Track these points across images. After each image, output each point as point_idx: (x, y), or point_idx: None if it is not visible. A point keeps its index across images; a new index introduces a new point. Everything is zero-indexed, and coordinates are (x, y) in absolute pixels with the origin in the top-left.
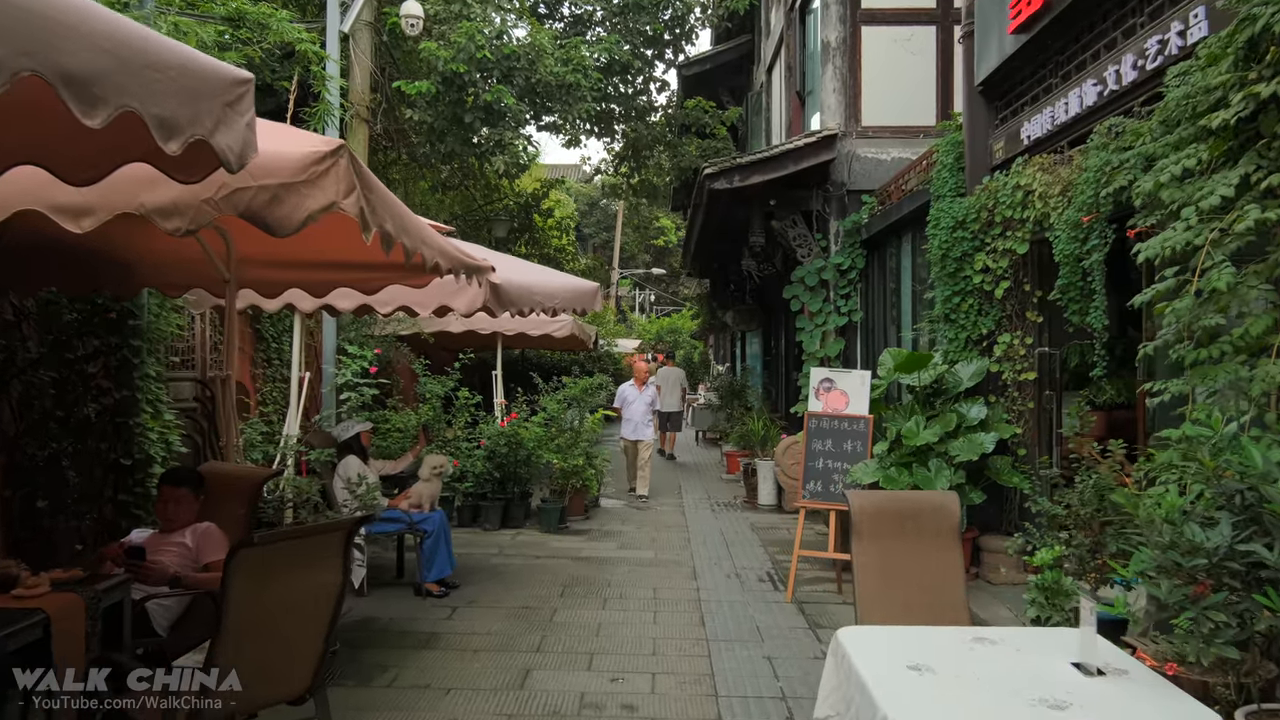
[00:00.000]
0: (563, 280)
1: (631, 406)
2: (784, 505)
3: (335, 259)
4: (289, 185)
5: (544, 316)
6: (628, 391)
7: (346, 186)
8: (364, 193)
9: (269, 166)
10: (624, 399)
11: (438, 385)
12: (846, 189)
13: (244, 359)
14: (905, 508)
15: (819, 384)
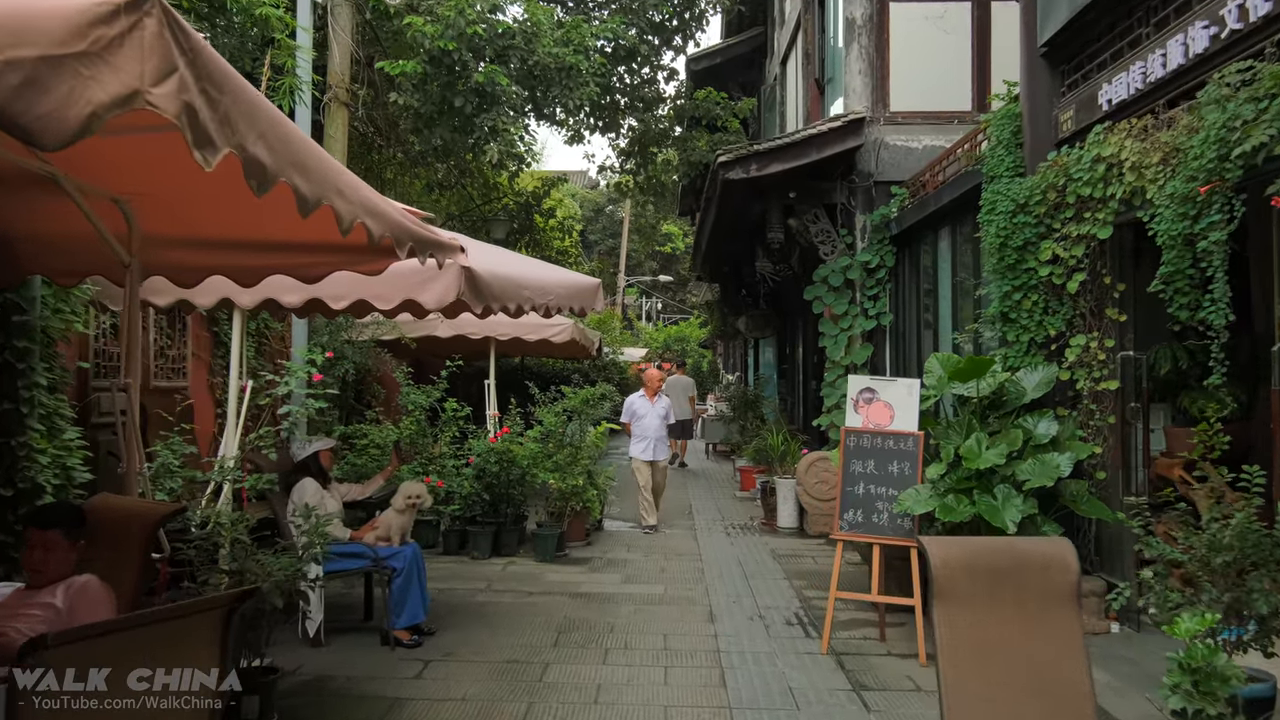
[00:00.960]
0: (558, 275)
1: (643, 421)
2: (806, 528)
3: (263, 237)
4: (55, 60)
5: (539, 318)
6: (637, 404)
7: (159, 65)
8: (198, 82)
9: (18, 29)
10: (633, 412)
11: (421, 396)
12: (874, 180)
13: (200, 366)
14: (1004, 561)
15: (858, 395)
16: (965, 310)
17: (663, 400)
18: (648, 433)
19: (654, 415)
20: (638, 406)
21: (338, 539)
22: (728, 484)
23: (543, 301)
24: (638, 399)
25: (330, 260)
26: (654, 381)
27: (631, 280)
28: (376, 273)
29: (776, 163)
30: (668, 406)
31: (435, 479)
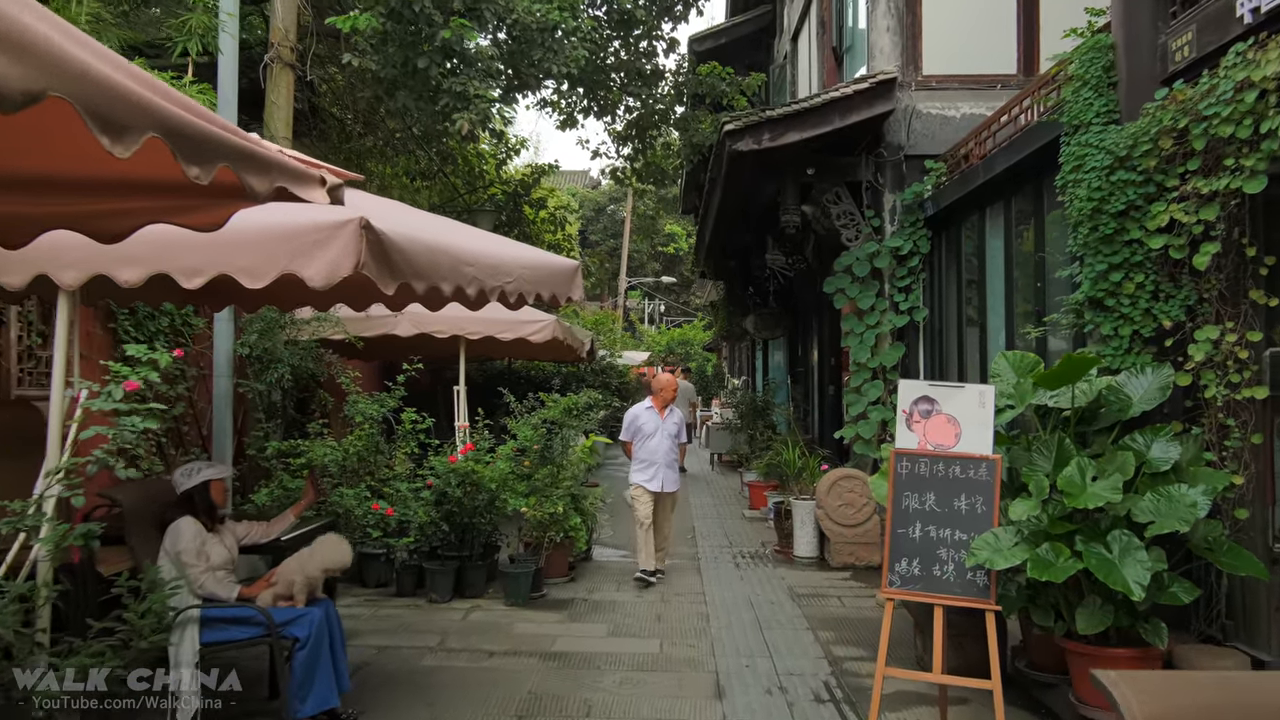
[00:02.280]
0: (520, 252)
1: (649, 442)
2: (828, 557)
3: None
4: None
5: (513, 313)
6: (643, 417)
7: None
8: None
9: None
10: (637, 428)
11: (372, 406)
12: (905, 154)
13: (90, 369)
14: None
15: (912, 406)
16: (1024, 302)
17: (675, 414)
18: (655, 456)
19: (663, 434)
20: (643, 421)
21: (220, 599)
22: (734, 500)
23: (495, 284)
24: (643, 411)
25: (136, 205)
26: (666, 389)
27: (634, 282)
28: (211, 226)
29: (793, 131)
30: (681, 422)
31: (386, 506)
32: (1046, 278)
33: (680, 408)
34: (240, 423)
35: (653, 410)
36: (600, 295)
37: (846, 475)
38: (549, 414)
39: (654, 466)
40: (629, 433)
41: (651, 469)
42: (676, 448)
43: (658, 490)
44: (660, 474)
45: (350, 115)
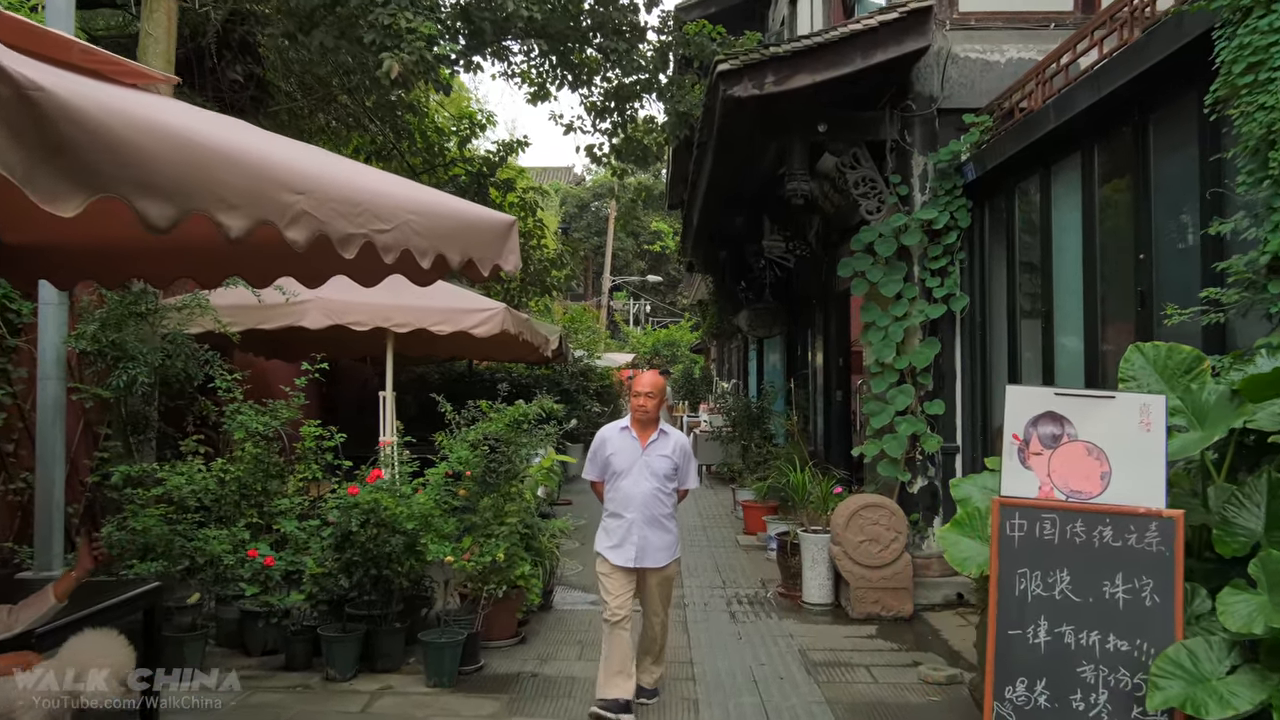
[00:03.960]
0: (413, 191)
1: (621, 481)
2: (845, 604)
3: None
4: None
5: (451, 302)
6: (613, 443)
7: None
8: None
9: None
10: (605, 463)
11: (257, 418)
12: (937, 107)
13: None
14: None
15: (1029, 427)
16: (1115, 282)
17: (668, 441)
18: (628, 507)
19: (643, 472)
20: (613, 450)
21: None
22: (727, 522)
23: (352, 230)
24: (615, 435)
25: None
26: (647, 398)
27: (618, 281)
28: None
29: (803, 73)
30: (678, 454)
31: (268, 552)
32: (1159, 247)
33: None
34: (78, 441)
35: (628, 433)
36: (583, 294)
37: (870, 504)
38: (490, 427)
39: (623, 524)
40: (595, 467)
41: (620, 529)
42: (667, 496)
43: (628, 565)
44: (634, 537)
45: (300, 90)
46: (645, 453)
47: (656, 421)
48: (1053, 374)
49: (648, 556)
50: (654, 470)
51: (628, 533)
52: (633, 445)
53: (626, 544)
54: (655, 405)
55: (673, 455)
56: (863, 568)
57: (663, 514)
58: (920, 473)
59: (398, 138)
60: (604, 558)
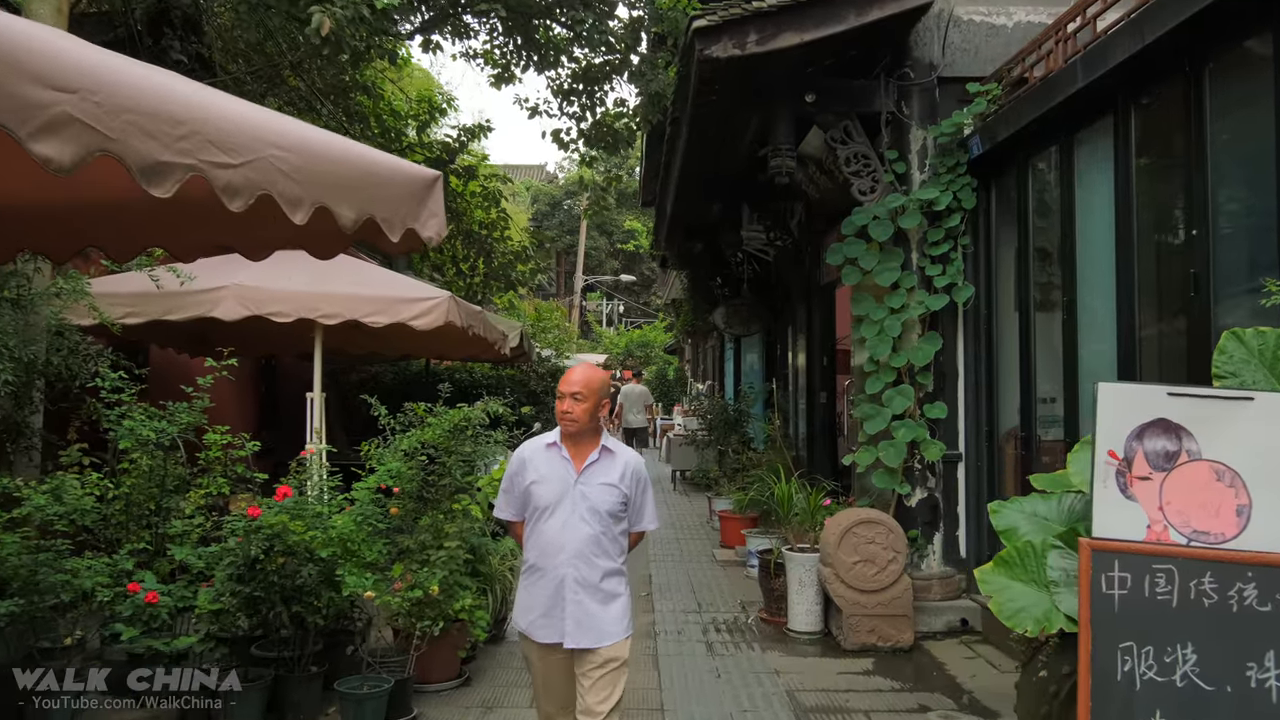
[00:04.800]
0: (289, 124)
1: (545, 523)
2: (837, 633)
3: None
4: None
5: (382, 292)
6: (534, 465)
7: None
8: None
9: None
10: (525, 495)
11: (149, 424)
12: (938, 75)
13: None
14: None
15: (1132, 441)
16: (1159, 266)
17: (614, 464)
18: (550, 557)
19: (578, 507)
20: (537, 474)
21: None
22: (702, 533)
23: (183, 160)
24: (539, 455)
25: None
26: (577, 402)
27: (591, 279)
28: None
29: (790, 31)
30: (627, 481)
31: (152, 587)
32: (1217, 221)
33: (635, 410)
34: None
35: (557, 452)
36: (556, 293)
37: (864, 520)
38: (427, 435)
39: (549, 585)
40: (510, 500)
41: (544, 592)
42: (612, 543)
43: (550, 642)
44: (565, 604)
45: (247, 71)
46: (581, 480)
47: (597, 434)
48: (1075, 373)
49: (585, 632)
50: (593, 505)
51: (556, 598)
52: (562, 469)
53: (554, 614)
54: (586, 410)
55: (621, 484)
56: (857, 592)
57: (606, 569)
58: (919, 484)
59: (350, 121)
60: (525, 636)
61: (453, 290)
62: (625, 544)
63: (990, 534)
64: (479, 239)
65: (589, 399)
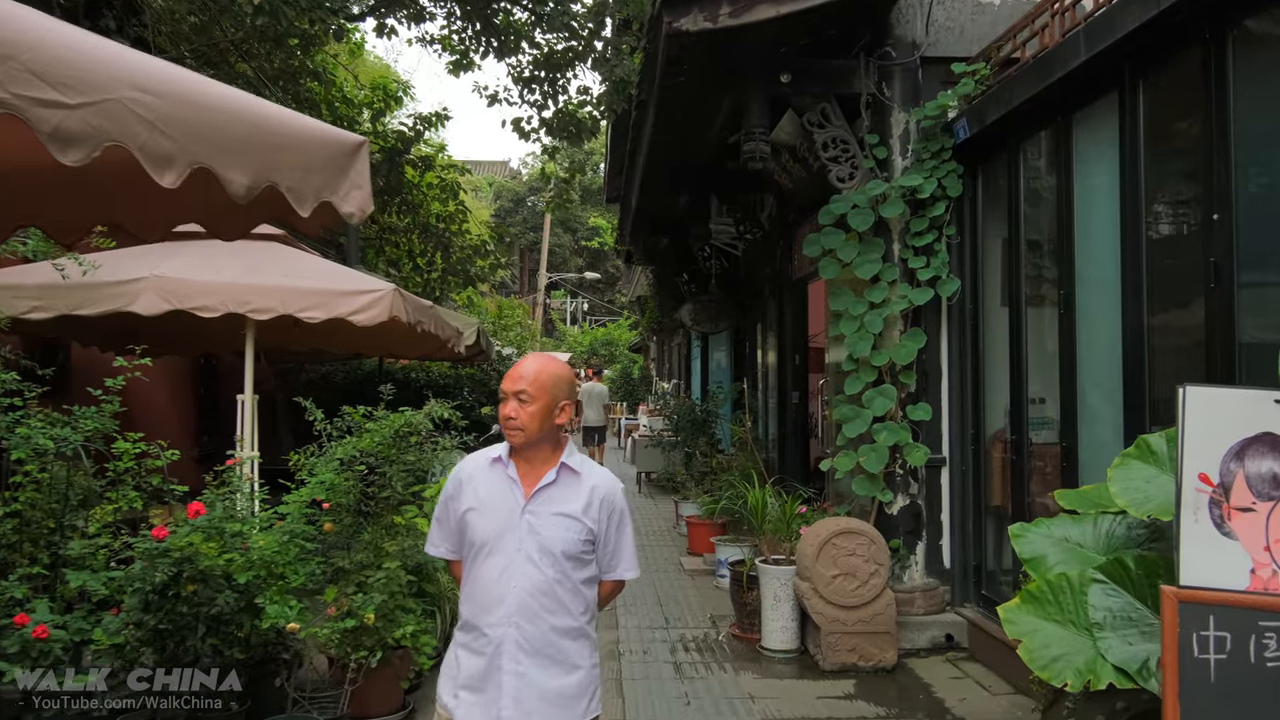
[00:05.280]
0: (162, 68)
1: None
2: (815, 652)
3: None
4: None
5: (318, 284)
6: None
7: None
8: None
9: None
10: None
11: (46, 432)
12: (921, 55)
13: None
14: None
15: (1230, 458)
16: (1179, 253)
17: (582, 486)
18: (495, 611)
19: (526, 543)
20: (476, 499)
21: None
22: (668, 539)
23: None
24: (482, 473)
25: None
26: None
27: (555, 278)
28: None
29: (765, 3)
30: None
31: (43, 618)
32: (1241, 204)
33: (594, 409)
34: None
35: (502, 470)
36: (519, 291)
37: (844, 530)
38: (364, 443)
39: (484, 650)
40: (443, 532)
41: (478, 658)
42: (572, 593)
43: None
44: (503, 676)
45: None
46: (530, 508)
47: (557, 447)
48: (1073, 373)
49: (528, 717)
50: (545, 544)
51: (491, 667)
52: (507, 494)
53: (487, 689)
54: (537, 415)
55: (585, 515)
56: (837, 608)
57: (561, 628)
58: (901, 490)
59: (300, 108)
60: (443, 710)
61: (409, 287)
62: (592, 597)
63: (977, 544)
64: (436, 233)
65: (540, 399)
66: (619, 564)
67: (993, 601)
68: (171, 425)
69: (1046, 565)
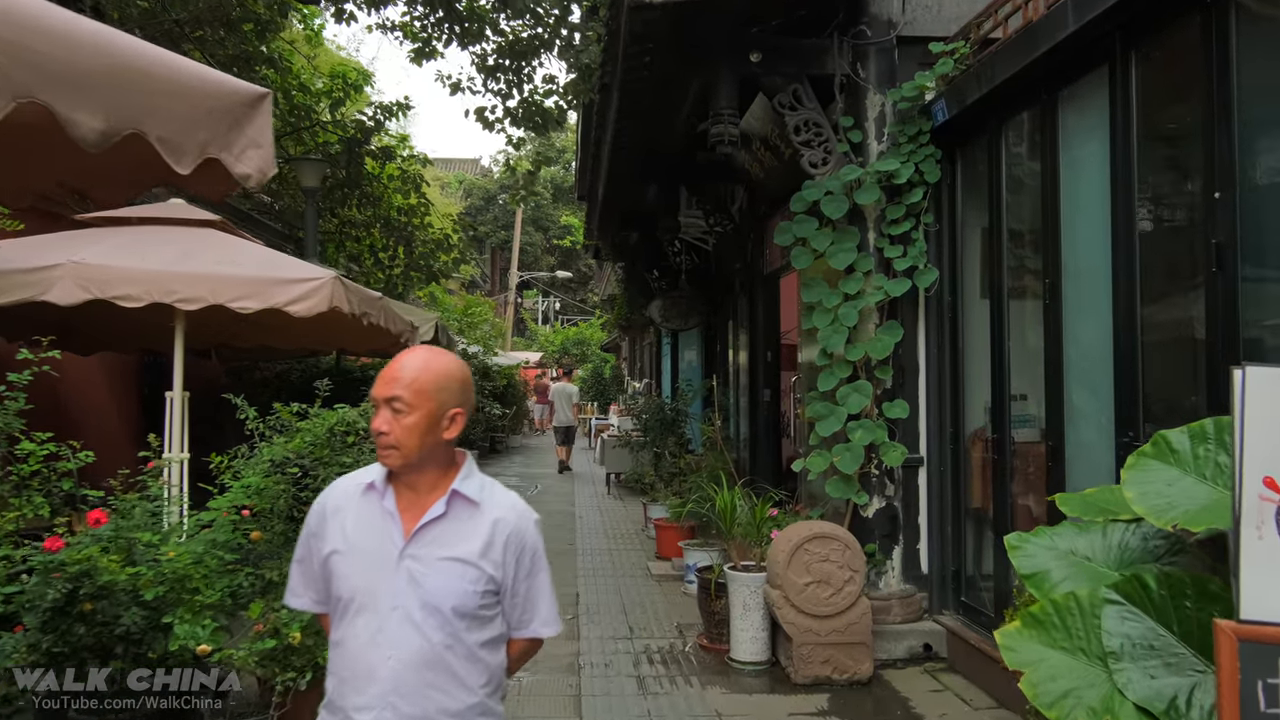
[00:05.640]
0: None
1: (359, 619)
2: (787, 664)
3: None
4: None
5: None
6: (348, 523)
7: None
8: None
9: None
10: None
11: None
12: (897, 34)
13: None
14: None
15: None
16: (1176, 237)
17: (483, 520)
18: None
19: (405, 598)
20: (340, 539)
21: None
22: (636, 543)
23: None
24: (352, 504)
25: None
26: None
27: (526, 276)
28: None
29: None
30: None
31: None
32: (1246, 180)
33: (564, 408)
34: None
35: (374, 499)
36: (490, 290)
37: (817, 535)
38: (295, 444)
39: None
40: (304, 579)
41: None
42: (468, 661)
43: None
44: None
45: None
46: (411, 549)
47: (447, 467)
48: (1059, 367)
49: None
50: (430, 597)
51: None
52: (382, 530)
53: None
54: (414, 430)
55: (483, 559)
56: (810, 618)
57: (456, 709)
58: (877, 492)
59: None
60: None
61: (371, 283)
62: (497, 664)
63: (956, 548)
64: (398, 226)
65: (420, 406)
66: (532, 618)
67: (972, 609)
68: (114, 426)
69: (1050, 582)
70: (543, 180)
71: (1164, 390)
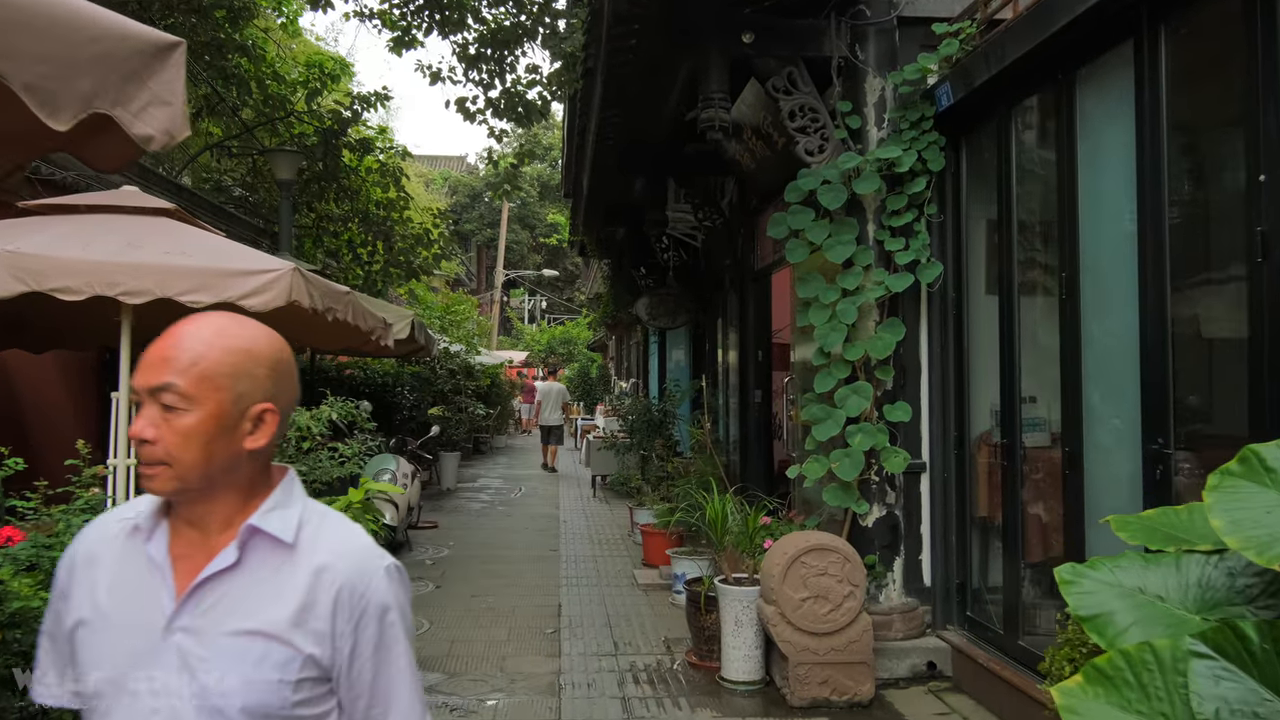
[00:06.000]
0: None
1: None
2: (782, 684)
3: None
4: None
5: (203, 263)
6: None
7: None
8: None
9: None
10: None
11: None
12: (898, 15)
13: None
14: None
15: None
16: (1214, 225)
17: (297, 573)
18: None
19: (166, 691)
20: (90, 606)
21: None
22: (622, 549)
23: None
24: (111, 556)
25: None
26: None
27: (513, 274)
28: None
29: None
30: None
31: None
32: None
33: (553, 408)
34: None
35: (138, 545)
36: (476, 289)
37: (814, 547)
38: None
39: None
40: (55, 661)
41: None
42: None
43: None
44: None
45: None
46: (183, 620)
47: (250, 493)
48: (1077, 367)
49: None
50: (210, 692)
51: None
52: (144, 590)
53: None
54: (193, 438)
55: (299, 630)
56: (807, 635)
57: None
58: (878, 500)
59: (227, 85)
60: None
61: (349, 280)
62: None
63: (961, 559)
64: (377, 221)
65: (206, 400)
66: (386, 715)
67: (979, 624)
68: (72, 429)
69: (1116, 627)
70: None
71: (1197, 392)
